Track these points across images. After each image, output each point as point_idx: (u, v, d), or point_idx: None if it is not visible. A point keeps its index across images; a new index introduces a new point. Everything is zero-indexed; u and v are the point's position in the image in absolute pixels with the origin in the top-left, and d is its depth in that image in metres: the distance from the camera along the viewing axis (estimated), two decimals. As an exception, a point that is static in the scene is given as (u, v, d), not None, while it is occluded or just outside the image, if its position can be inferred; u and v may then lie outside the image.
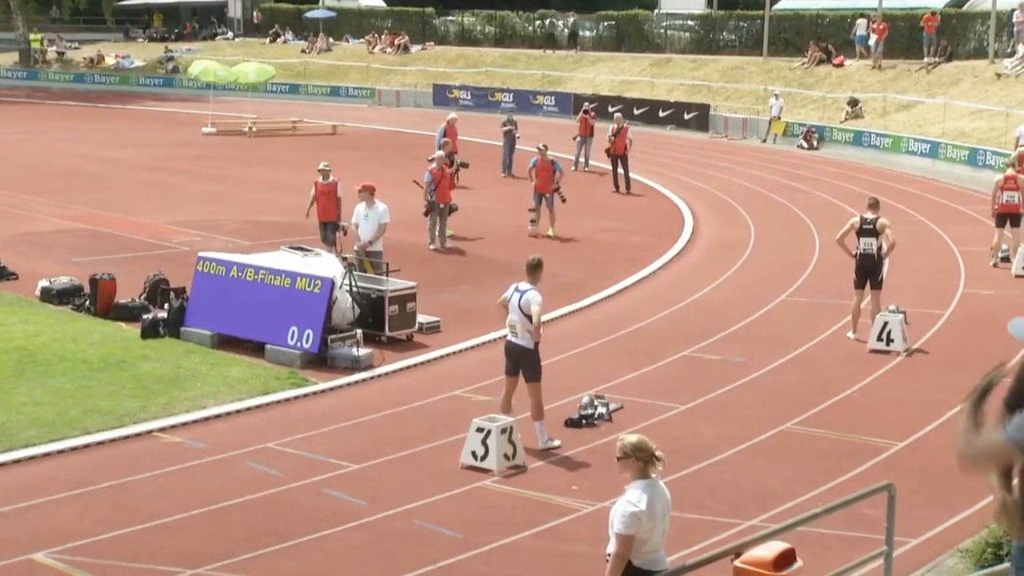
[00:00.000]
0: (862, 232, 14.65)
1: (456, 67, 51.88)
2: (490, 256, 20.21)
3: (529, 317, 10.61)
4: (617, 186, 27.84)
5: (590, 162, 30.79)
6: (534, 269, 10.88)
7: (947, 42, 39.69)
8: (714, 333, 15.04)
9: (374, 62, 53.99)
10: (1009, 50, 37.43)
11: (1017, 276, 18.26)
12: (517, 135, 30.12)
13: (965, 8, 43.42)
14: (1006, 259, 19.22)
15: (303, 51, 57.36)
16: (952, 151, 31.79)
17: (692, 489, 9.73)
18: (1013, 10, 37.39)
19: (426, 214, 20.39)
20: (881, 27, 40.47)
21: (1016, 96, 33.72)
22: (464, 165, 23.48)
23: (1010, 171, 19.63)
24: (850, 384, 12.85)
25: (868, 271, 14.72)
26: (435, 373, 13.56)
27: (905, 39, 41.74)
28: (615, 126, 28.26)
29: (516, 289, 10.83)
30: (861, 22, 42.34)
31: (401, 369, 13.61)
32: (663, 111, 41.89)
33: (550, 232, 21.75)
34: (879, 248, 14.58)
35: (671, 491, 6.63)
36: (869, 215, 14.74)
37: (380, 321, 14.35)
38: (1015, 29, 37.43)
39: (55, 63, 59.98)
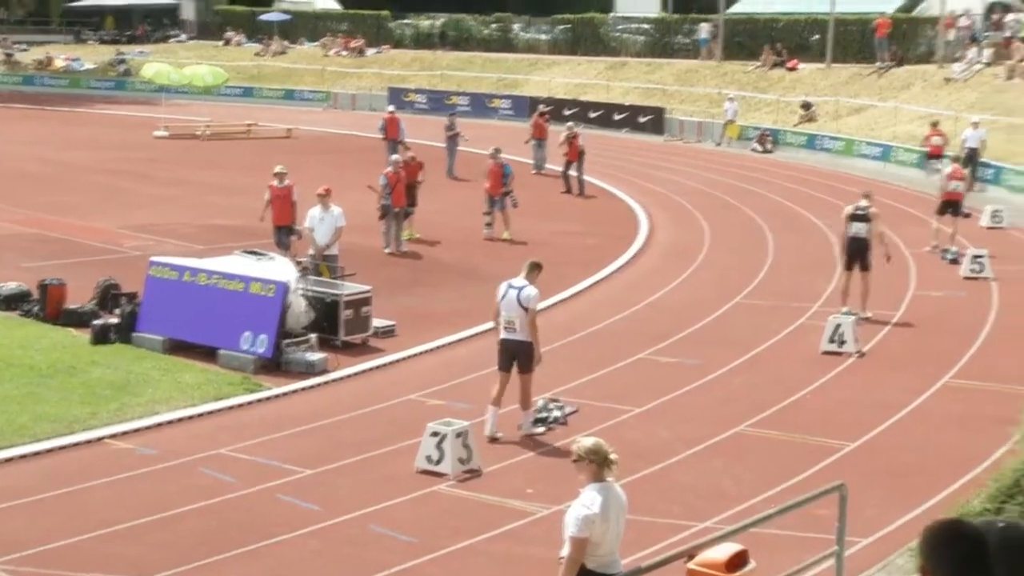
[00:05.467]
0: (855, 218, 15.85)
1: (412, 70, 51.78)
2: (445, 259, 20.19)
3: (528, 311, 11.01)
4: (568, 187, 27.90)
5: (546, 165, 30.81)
6: (533, 269, 11.27)
7: (897, 47, 40.19)
8: (669, 336, 15.11)
9: (329, 65, 53.75)
10: (957, 55, 37.99)
11: (966, 278, 18.51)
12: (465, 138, 30.28)
13: (915, 13, 44.01)
14: (955, 260, 19.52)
15: (257, 54, 56.99)
16: (903, 154, 32.20)
17: (647, 492, 9.77)
18: (960, 16, 38.03)
19: (381, 218, 20.34)
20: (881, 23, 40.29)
21: (965, 100, 34.21)
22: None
23: (957, 165, 21.70)
24: (803, 386, 12.97)
25: (858, 253, 15.82)
26: (390, 377, 13.52)
27: (857, 43, 42.22)
28: (566, 134, 28.41)
29: (510, 286, 11.15)
30: (704, 25, 45.40)
31: (356, 374, 13.56)
32: (618, 114, 42.06)
33: (505, 235, 21.76)
34: (869, 233, 15.72)
35: (626, 494, 6.65)
36: (863, 203, 15.95)
37: (335, 325, 14.28)
38: (960, 35, 38.04)
39: (3, 65, 59.14)
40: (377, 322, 14.89)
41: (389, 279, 17.78)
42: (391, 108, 32.94)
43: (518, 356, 11.14)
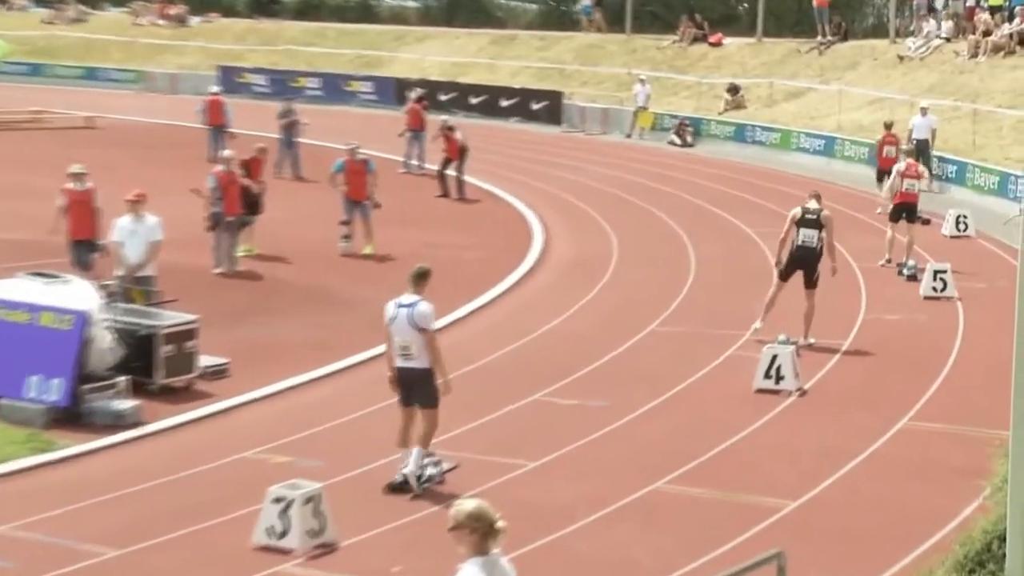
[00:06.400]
0: (803, 222, 16.15)
1: (247, 44, 51.44)
2: (292, 280, 20.04)
3: (424, 332, 11.27)
4: (445, 190, 27.97)
5: (425, 163, 30.81)
6: (420, 278, 11.53)
7: (841, 18, 41.25)
8: (570, 372, 15.20)
9: (142, 37, 53.06)
10: (912, 28, 39.07)
11: (927, 298, 18.99)
12: (306, 122, 30.30)
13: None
14: (913, 276, 20.02)
15: (47, 21, 55.93)
16: (850, 148, 33.03)
17: (543, 565, 9.78)
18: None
19: (211, 229, 20.08)
20: None
21: (921, 82, 35.23)
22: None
23: (910, 159, 21.90)
24: (734, 431, 13.14)
25: (803, 264, 16.14)
26: (222, 429, 13.34)
27: (793, 14, 43.27)
28: (440, 126, 28.52)
29: (399, 305, 11.37)
30: None
31: (178, 425, 13.34)
32: (506, 100, 42.37)
33: (368, 250, 21.69)
34: (820, 241, 16.04)
35: (517, 568, 6.63)
36: (812, 204, 16.27)
37: (150, 365, 14.06)
38: (915, 4, 39.14)
39: None
40: (205, 360, 14.70)
41: (221, 306, 17.56)
42: (215, 88, 33.56)
43: (417, 388, 11.39)
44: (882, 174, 26.90)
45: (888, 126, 28.38)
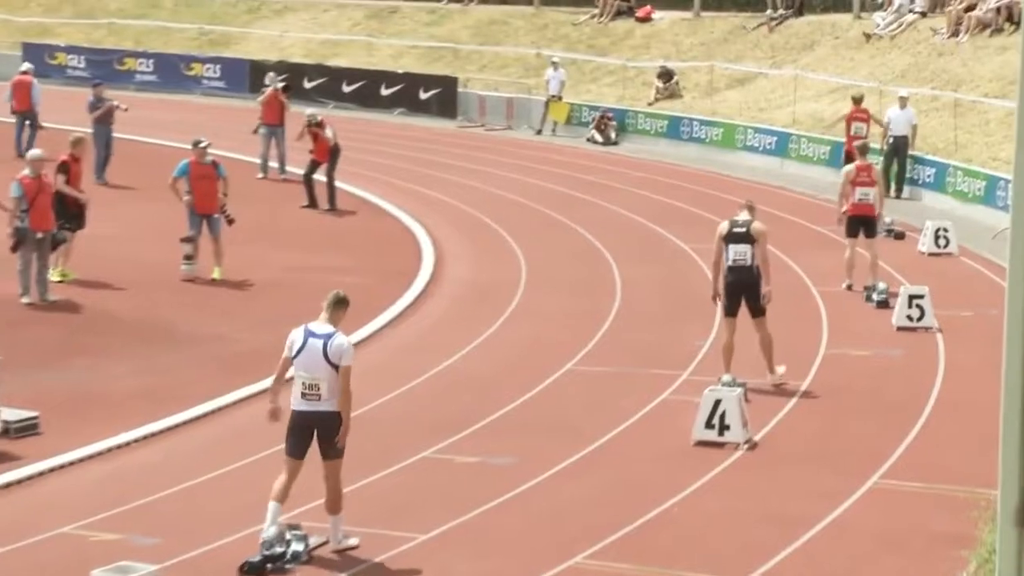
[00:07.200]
0: (731, 237, 16.27)
1: (60, 17, 50.95)
2: (120, 312, 19.85)
3: (339, 368, 11.48)
4: (313, 199, 27.81)
5: (286, 166, 30.63)
6: (338, 306, 11.76)
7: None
8: (468, 423, 15.20)
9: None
10: (880, 0, 39.56)
11: (900, 328, 19.17)
12: (123, 107, 29.90)
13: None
14: (884, 303, 20.21)
15: None
16: (807, 146, 33.36)
17: (437, 664, 9.78)
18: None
19: (14, 249, 19.82)
20: None
21: (892, 66, 35.70)
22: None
23: (862, 161, 21.88)
24: (668, 494, 13.20)
25: (743, 288, 16.22)
26: (30, 500, 13.16)
27: (739, -18, 43.74)
28: (305, 123, 28.20)
29: (311, 333, 11.58)
30: None
31: (-25, 496, 13.16)
32: (387, 87, 42.32)
33: (216, 274, 21.55)
34: (755, 259, 16.19)
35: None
36: (742, 216, 16.45)
37: (-62, 421, 13.90)
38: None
39: None
40: (8, 414, 14.53)
41: (28, 345, 17.39)
42: (26, 67, 33.32)
43: (323, 435, 11.50)
44: (850, 158, 27.10)
45: (857, 100, 28.92)
